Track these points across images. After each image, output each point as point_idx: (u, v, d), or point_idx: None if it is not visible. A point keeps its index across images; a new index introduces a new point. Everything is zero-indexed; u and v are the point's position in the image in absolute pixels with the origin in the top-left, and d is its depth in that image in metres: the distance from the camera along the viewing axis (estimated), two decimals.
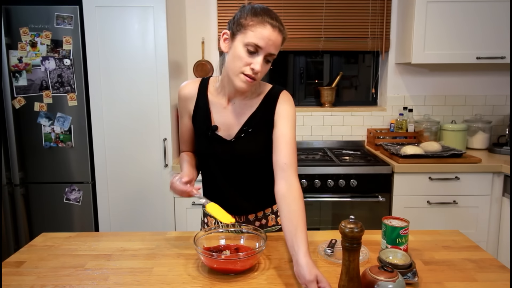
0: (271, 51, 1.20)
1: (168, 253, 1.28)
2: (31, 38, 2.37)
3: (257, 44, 1.17)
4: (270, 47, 1.18)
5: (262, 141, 1.32)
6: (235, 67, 1.20)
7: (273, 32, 1.18)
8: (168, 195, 2.51)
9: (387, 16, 2.98)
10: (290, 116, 1.31)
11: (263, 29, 1.17)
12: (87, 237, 1.42)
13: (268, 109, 1.32)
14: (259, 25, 1.17)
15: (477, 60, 2.64)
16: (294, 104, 1.35)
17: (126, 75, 2.40)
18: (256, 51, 1.18)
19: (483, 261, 1.21)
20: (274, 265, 1.19)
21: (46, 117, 2.45)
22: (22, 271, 1.17)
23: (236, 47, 1.19)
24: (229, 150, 1.33)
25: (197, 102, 1.37)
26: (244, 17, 1.19)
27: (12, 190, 2.49)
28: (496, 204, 2.48)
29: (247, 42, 1.17)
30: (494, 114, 3.06)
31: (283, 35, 1.21)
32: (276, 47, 1.20)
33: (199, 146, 1.39)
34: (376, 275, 0.97)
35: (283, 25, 1.22)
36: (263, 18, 1.18)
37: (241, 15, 1.21)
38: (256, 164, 1.36)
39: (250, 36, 1.17)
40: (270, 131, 1.32)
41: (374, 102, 3.25)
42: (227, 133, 1.33)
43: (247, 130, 1.32)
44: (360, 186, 2.46)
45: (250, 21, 1.18)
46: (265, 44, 1.17)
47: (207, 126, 1.34)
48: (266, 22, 1.17)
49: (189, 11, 2.96)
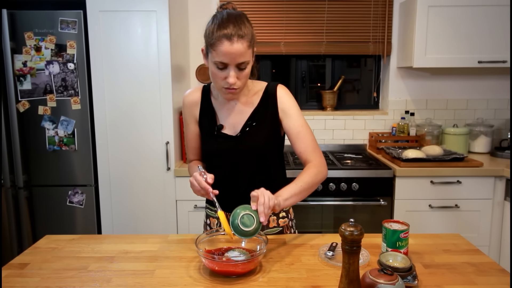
0: (238, 61, 1.23)
1: (170, 256, 1.29)
2: (35, 42, 2.39)
3: (221, 61, 1.23)
4: (234, 59, 1.22)
5: (266, 134, 1.39)
6: (215, 82, 1.31)
7: (231, 45, 1.20)
8: (171, 198, 2.52)
9: (389, 20, 2.99)
10: (293, 106, 1.39)
11: (221, 45, 1.21)
12: (90, 239, 1.43)
13: (269, 104, 1.39)
14: (218, 42, 1.21)
15: (478, 64, 2.64)
16: (291, 94, 1.43)
17: (129, 79, 2.42)
18: (225, 67, 1.24)
19: (483, 264, 1.22)
20: (275, 268, 1.19)
21: (50, 120, 2.47)
22: (26, 273, 1.18)
23: (210, 65, 1.28)
24: (235, 145, 1.38)
25: (202, 106, 1.44)
26: (208, 35, 1.25)
27: (16, 193, 2.51)
28: (498, 208, 2.48)
29: (214, 61, 1.24)
30: (496, 118, 3.06)
31: (245, 40, 1.22)
32: (241, 56, 1.23)
33: (206, 146, 1.43)
34: (376, 278, 0.97)
35: (244, 26, 1.22)
36: (219, 32, 1.21)
37: (207, 30, 1.27)
38: (260, 160, 1.40)
39: (214, 55, 1.23)
40: (274, 125, 1.39)
41: (376, 106, 3.26)
42: (232, 130, 1.40)
43: (251, 124, 1.38)
44: (362, 189, 2.47)
45: (211, 39, 1.23)
46: (228, 58, 1.22)
47: (213, 126, 1.40)
48: (222, 37, 1.20)
49: (191, 15, 2.98)
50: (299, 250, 1.32)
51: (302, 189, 1.29)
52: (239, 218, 1.15)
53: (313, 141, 1.38)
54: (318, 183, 1.36)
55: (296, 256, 1.27)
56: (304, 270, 1.18)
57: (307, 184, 1.30)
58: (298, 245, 1.36)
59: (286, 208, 1.47)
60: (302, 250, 1.32)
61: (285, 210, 1.49)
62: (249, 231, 1.15)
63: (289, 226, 1.51)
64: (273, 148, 1.41)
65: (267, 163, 1.41)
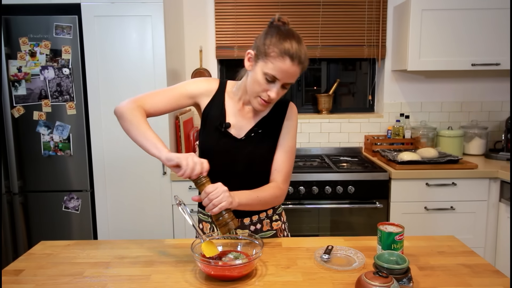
0: (288, 81, 1.27)
1: (166, 261, 1.28)
2: (30, 47, 2.39)
3: (274, 76, 1.24)
4: (287, 78, 1.25)
5: (269, 143, 1.41)
6: (253, 90, 1.29)
7: (292, 66, 1.23)
8: (167, 203, 2.52)
9: (383, 23, 3.01)
10: (295, 127, 1.44)
11: (282, 63, 1.22)
12: (85, 245, 1.43)
13: (278, 116, 1.42)
14: (279, 57, 1.22)
15: (472, 66, 2.67)
16: (297, 115, 1.47)
17: (125, 84, 2.42)
18: (273, 81, 1.25)
19: (478, 266, 1.22)
20: (271, 272, 1.19)
21: (45, 125, 2.46)
22: (21, 279, 1.18)
23: (256, 72, 1.27)
24: (237, 148, 1.39)
25: (213, 99, 1.42)
26: (267, 44, 1.24)
27: (11, 198, 2.50)
28: (493, 210, 2.49)
29: (266, 72, 1.24)
30: (490, 120, 3.08)
31: (303, 65, 1.26)
32: (294, 78, 1.27)
33: (207, 140, 1.41)
34: (371, 280, 0.98)
35: (305, 53, 1.26)
36: (284, 49, 1.22)
37: (265, 39, 1.25)
38: (258, 167, 1.41)
39: (269, 67, 1.23)
40: (277, 137, 1.42)
41: (371, 109, 3.27)
42: (238, 132, 1.40)
43: (257, 131, 1.40)
44: (358, 192, 2.48)
45: (272, 51, 1.22)
46: (282, 76, 1.24)
47: (220, 122, 1.39)
48: (286, 56, 1.22)
49: (187, 20, 2.99)
50: (295, 253, 1.32)
51: (258, 203, 1.32)
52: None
53: (291, 167, 1.43)
54: (271, 206, 1.42)
55: (292, 260, 1.27)
56: (300, 273, 1.18)
57: (264, 201, 1.34)
58: (293, 248, 1.36)
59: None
60: (298, 253, 1.32)
61: (278, 213, 1.50)
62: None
63: (282, 229, 1.51)
64: (272, 158, 1.42)
65: (264, 171, 1.41)
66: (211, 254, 1.20)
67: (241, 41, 3.00)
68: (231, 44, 3.01)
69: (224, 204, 1.17)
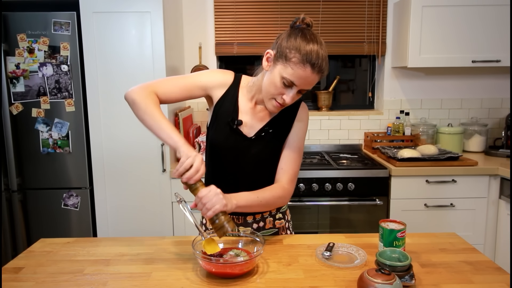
0: (305, 88, 1.25)
1: (166, 258, 1.28)
2: (28, 44, 2.37)
3: (293, 81, 1.21)
4: (305, 85, 1.23)
5: (278, 144, 1.39)
6: (269, 91, 1.26)
7: (312, 74, 1.20)
8: (166, 200, 2.51)
9: (383, 20, 3.00)
10: (305, 128, 1.42)
11: (303, 70, 1.19)
12: (85, 242, 1.42)
13: (288, 115, 1.40)
14: (300, 64, 1.18)
15: (472, 63, 2.66)
16: (308, 116, 1.45)
17: (124, 81, 2.41)
18: (290, 86, 1.23)
19: (479, 263, 1.22)
20: (272, 269, 1.19)
21: (44, 123, 2.45)
22: (20, 277, 1.17)
23: (274, 74, 1.24)
24: (247, 147, 1.37)
25: (227, 92, 1.39)
26: (289, 47, 1.20)
27: (10, 196, 2.49)
28: (493, 207, 2.49)
29: (284, 76, 1.21)
30: (490, 117, 3.08)
31: (322, 74, 1.23)
32: (311, 85, 1.25)
33: (216, 136, 1.39)
34: (373, 277, 0.97)
35: (327, 61, 1.23)
36: (306, 56, 1.18)
37: (287, 41, 1.22)
38: (266, 166, 1.40)
39: (288, 72, 1.20)
40: (286, 136, 1.40)
41: (371, 105, 3.27)
42: (249, 130, 1.38)
43: (268, 130, 1.38)
44: (358, 189, 2.47)
45: (293, 56, 1.19)
46: (300, 83, 1.22)
47: (232, 118, 1.36)
48: (308, 63, 1.18)
49: (186, 16, 2.98)
50: (296, 250, 1.32)
51: (259, 204, 1.30)
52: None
53: (297, 167, 1.40)
54: (274, 207, 1.40)
55: (293, 257, 1.27)
56: (302, 270, 1.18)
57: (266, 203, 1.32)
58: (295, 245, 1.36)
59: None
60: (299, 250, 1.32)
61: (282, 212, 1.49)
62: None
63: (285, 228, 1.50)
64: (277, 159, 1.40)
65: (272, 170, 1.40)
66: (212, 251, 1.19)
67: (241, 38, 2.98)
68: (231, 41, 3.00)
69: (218, 207, 1.13)
